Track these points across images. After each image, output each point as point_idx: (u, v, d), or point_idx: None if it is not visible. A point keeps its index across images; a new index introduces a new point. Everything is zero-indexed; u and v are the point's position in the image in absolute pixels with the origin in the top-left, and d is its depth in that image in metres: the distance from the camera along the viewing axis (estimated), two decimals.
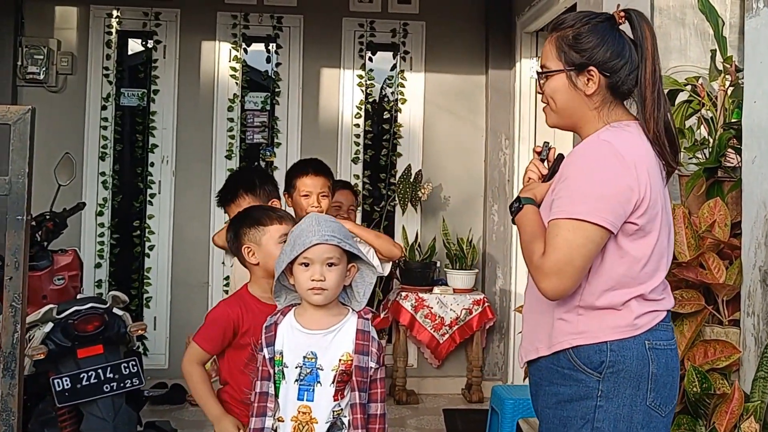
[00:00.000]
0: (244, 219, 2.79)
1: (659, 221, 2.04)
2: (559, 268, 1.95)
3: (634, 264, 2.02)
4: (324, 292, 2.31)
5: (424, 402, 5.82)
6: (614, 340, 2.01)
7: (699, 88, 3.47)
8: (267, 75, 6.19)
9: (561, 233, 1.96)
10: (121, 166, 6.07)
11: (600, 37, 2.09)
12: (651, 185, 2.00)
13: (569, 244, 1.95)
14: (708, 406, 2.70)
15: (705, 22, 3.66)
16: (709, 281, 2.89)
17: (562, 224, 1.97)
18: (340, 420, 2.31)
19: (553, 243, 1.97)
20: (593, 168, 2.00)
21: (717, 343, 2.86)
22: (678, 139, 2.17)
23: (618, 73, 2.08)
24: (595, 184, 1.97)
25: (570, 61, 2.11)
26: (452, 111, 6.28)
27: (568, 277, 1.96)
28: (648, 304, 2.05)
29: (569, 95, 2.13)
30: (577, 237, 1.95)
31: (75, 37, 6.01)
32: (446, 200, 6.23)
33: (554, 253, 1.96)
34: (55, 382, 3.74)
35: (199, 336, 2.66)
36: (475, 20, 6.26)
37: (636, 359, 2.01)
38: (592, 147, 2.04)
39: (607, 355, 2.01)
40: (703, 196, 3.23)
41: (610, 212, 1.95)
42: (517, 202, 2.18)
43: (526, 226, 2.11)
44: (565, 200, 1.99)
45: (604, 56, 2.08)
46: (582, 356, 2.02)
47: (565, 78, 2.12)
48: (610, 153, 1.99)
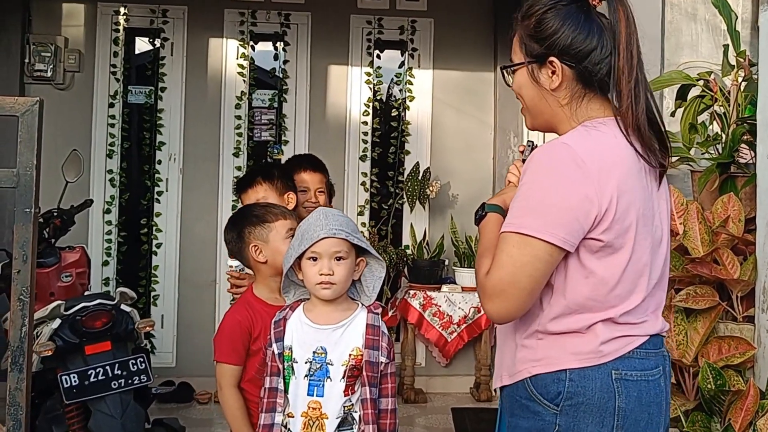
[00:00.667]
0: (245, 218, 2.74)
1: (633, 236, 1.75)
2: (501, 288, 1.72)
3: (600, 285, 1.74)
4: (333, 286, 2.29)
5: (433, 401, 5.79)
6: (574, 369, 1.75)
7: (711, 83, 3.44)
8: (274, 72, 6.17)
9: (506, 249, 1.73)
10: (128, 163, 6.06)
11: (561, 23, 1.82)
12: (619, 195, 1.72)
13: (514, 262, 1.71)
14: (723, 403, 2.67)
15: (716, 17, 3.64)
16: (723, 277, 2.86)
17: (508, 239, 1.73)
18: (351, 415, 2.29)
19: (498, 260, 1.73)
20: (546, 176, 1.73)
21: (731, 339, 2.83)
22: (667, 134, 1.87)
23: (584, 61, 1.80)
24: (547, 195, 1.71)
25: (530, 52, 1.86)
26: (460, 108, 6.25)
27: (512, 299, 1.72)
28: (619, 329, 1.77)
29: (534, 91, 1.88)
30: (523, 254, 1.71)
31: (82, 34, 6.00)
32: (454, 198, 6.20)
33: (497, 271, 1.73)
34: (62, 378, 3.73)
35: (221, 353, 2.58)
36: (484, 17, 6.23)
37: (599, 391, 1.74)
38: (548, 151, 1.76)
39: (565, 385, 1.75)
40: (716, 191, 3.21)
41: (563, 227, 1.69)
42: (481, 209, 1.97)
43: (482, 238, 1.90)
44: (515, 211, 1.75)
45: (564, 43, 1.80)
46: (539, 386, 1.78)
47: (526, 72, 1.88)
48: (567, 158, 1.71)
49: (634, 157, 1.77)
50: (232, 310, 2.75)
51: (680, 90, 3.51)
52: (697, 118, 3.43)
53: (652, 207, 1.82)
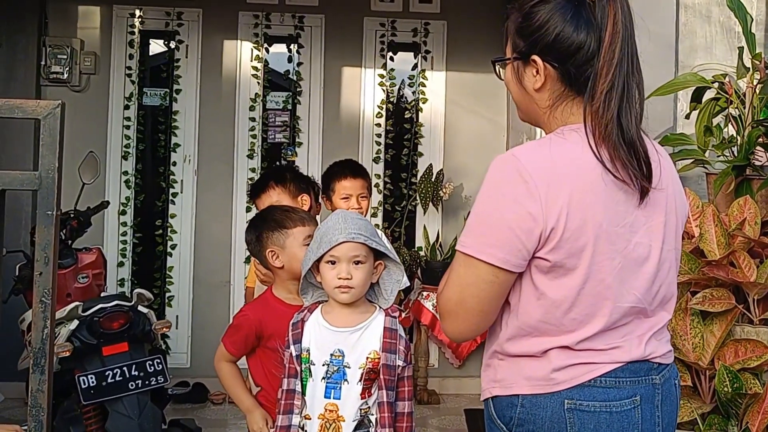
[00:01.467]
0: (264, 222, 2.76)
1: (589, 256, 1.58)
2: (450, 308, 1.66)
3: (552, 308, 1.61)
4: (351, 290, 2.30)
5: (446, 402, 5.80)
6: (526, 395, 1.64)
7: (726, 85, 3.43)
8: (288, 74, 6.19)
9: (455, 267, 1.66)
10: (143, 165, 6.09)
11: (544, 18, 1.66)
12: (570, 212, 1.56)
13: (460, 282, 1.64)
14: (740, 406, 2.67)
15: (731, 19, 3.63)
16: (739, 280, 2.86)
17: (457, 257, 1.66)
18: (368, 418, 2.30)
19: (448, 279, 1.68)
20: (490, 191, 1.62)
21: (748, 342, 2.82)
22: (643, 151, 1.63)
23: (568, 62, 1.64)
24: (490, 212, 1.60)
25: (515, 48, 1.73)
26: (473, 110, 6.25)
27: (461, 319, 1.65)
28: (577, 355, 1.63)
29: (518, 89, 1.75)
30: (467, 274, 1.62)
31: (98, 36, 6.03)
32: (467, 199, 6.20)
33: (446, 290, 1.67)
34: (80, 379, 3.76)
35: (226, 337, 2.70)
36: (496, 18, 6.18)
37: (549, 420, 1.62)
38: (497, 163, 1.64)
39: (516, 411, 1.65)
40: (731, 194, 3.20)
41: (502, 246, 1.57)
42: None
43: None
44: (464, 228, 1.67)
45: (547, 40, 1.65)
46: (497, 408, 1.70)
47: (511, 69, 1.75)
48: (513, 172, 1.58)
49: (599, 169, 1.59)
50: (248, 305, 2.81)
51: (695, 92, 3.50)
52: (712, 121, 3.42)
53: (630, 223, 1.63)
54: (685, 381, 2.85)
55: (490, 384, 1.72)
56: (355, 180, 3.59)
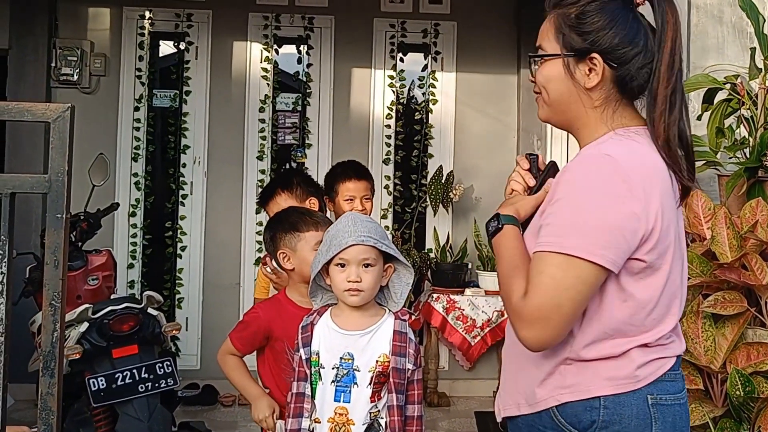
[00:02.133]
0: (280, 222, 2.77)
1: (671, 255, 1.65)
2: (542, 314, 1.57)
3: (639, 309, 1.63)
4: (360, 293, 2.29)
5: (456, 404, 5.78)
6: (609, 395, 1.63)
7: (738, 86, 3.41)
8: (298, 76, 6.19)
9: (547, 270, 1.58)
10: (153, 167, 6.09)
11: (609, 19, 1.69)
12: (663, 212, 1.61)
13: (556, 285, 1.56)
14: (752, 410, 2.65)
15: (743, 19, 3.61)
16: (751, 283, 2.84)
17: (548, 259, 1.58)
18: (377, 422, 2.29)
19: (537, 282, 1.58)
20: (591, 190, 1.59)
21: (760, 345, 2.80)
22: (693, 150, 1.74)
23: (628, 64, 1.68)
24: (593, 212, 1.57)
25: (569, 44, 1.71)
26: (484, 111, 6.24)
27: (553, 325, 1.57)
28: (653, 351, 1.67)
29: (565, 87, 1.72)
30: (566, 276, 1.56)
31: (108, 38, 6.04)
32: (478, 201, 6.19)
33: (537, 295, 1.57)
34: (90, 381, 3.76)
35: (234, 332, 2.71)
36: (507, 19, 6.22)
37: (636, 418, 1.63)
38: (590, 163, 1.63)
39: (599, 414, 1.63)
40: (743, 196, 3.18)
41: (611, 247, 1.56)
42: (495, 221, 1.76)
43: (504, 253, 1.71)
44: (555, 229, 1.60)
45: (611, 42, 1.67)
46: (568, 415, 1.65)
47: (561, 65, 1.72)
48: (613, 171, 1.59)
49: (667, 171, 1.66)
50: (260, 304, 2.82)
51: (706, 94, 3.48)
52: (724, 122, 3.40)
53: (681, 226, 1.73)
54: (696, 384, 2.83)
55: (557, 391, 1.66)
56: (359, 182, 3.58)
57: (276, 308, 2.68)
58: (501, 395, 1.82)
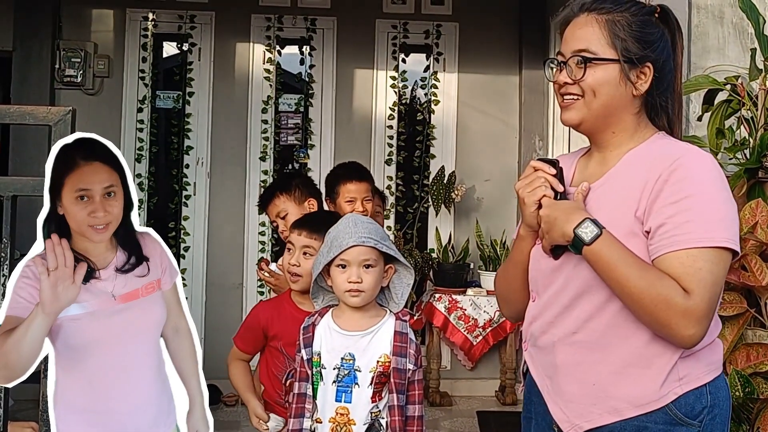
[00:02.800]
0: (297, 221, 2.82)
1: None
2: (711, 309, 1.62)
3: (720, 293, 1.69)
4: (361, 294, 2.31)
5: (458, 404, 5.79)
6: (710, 381, 1.71)
7: (739, 87, 3.42)
8: (301, 77, 6.21)
9: (704, 266, 1.61)
10: (156, 167, 6.11)
11: (660, 33, 1.79)
12: None
13: (716, 279, 1.61)
14: (751, 411, 2.66)
15: (744, 20, 3.61)
16: (751, 284, 2.85)
17: (704, 255, 1.61)
18: (378, 422, 2.31)
19: (700, 279, 1.60)
20: (716, 184, 1.68)
21: (759, 346, 2.81)
22: None
23: (666, 77, 1.80)
24: (726, 204, 1.67)
25: (628, 50, 1.75)
26: (486, 112, 6.25)
27: (711, 316, 1.65)
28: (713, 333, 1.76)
29: (617, 92, 1.76)
30: (720, 269, 1.62)
31: (111, 40, 6.07)
32: (480, 201, 6.20)
33: (705, 291, 1.60)
34: None
35: (237, 335, 2.75)
36: (509, 20, 6.23)
37: (726, 400, 1.74)
38: (704, 160, 1.71)
39: (708, 400, 1.70)
40: (743, 197, 3.19)
41: (738, 236, 1.67)
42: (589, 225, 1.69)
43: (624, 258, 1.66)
44: (700, 224, 1.63)
45: (662, 55, 1.78)
46: (683, 405, 1.68)
47: (617, 70, 1.75)
48: (718, 167, 1.71)
49: None
50: (261, 303, 2.85)
51: (707, 94, 3.49)
52: (724, 123, 3.41)
53: None
54: None
55: (673, 385, 1.69)
56: (360, 183, 3.59)
57: (276, 307, 2.71)
58: (574, 408, 1.77)
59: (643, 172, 1.72)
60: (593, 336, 1.72)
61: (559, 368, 1.79)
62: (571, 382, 1.77)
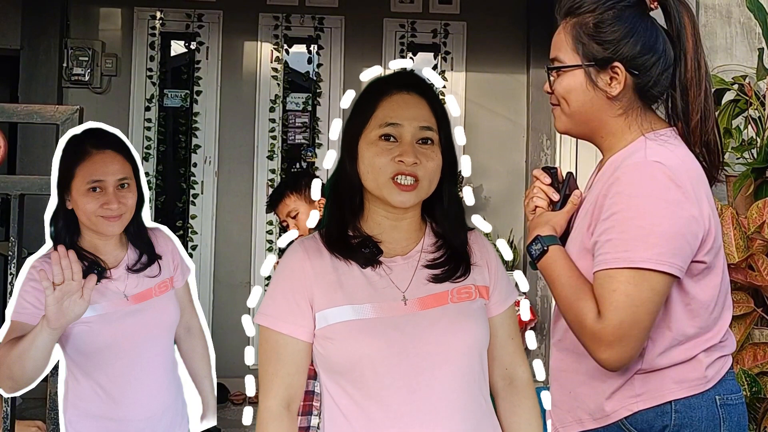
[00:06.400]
0: None
1: (722, 253, 1.67)
2: (623, 332, 1.53)
3: (702, 310, 1.62)
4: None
5: None
6: (680, 399, 1.62)
7: (746, 87, 3.42)
8: (308, 76, 6.22)
9: (620, 288, 1.54)
10: (164, 166, 6.12)
11: (628, 27, 1.66)
12: (712, 210, 1.61)
13: (633, 301, 1.53)
14: (758, 410, 2.66)
15: (752, 20, 3.61)
16: (758, 283, 2.84)
17: (618, 275, 1.54)
18: None
19: (612, 301, 1.54)
20: (649, 199, 1.56)
21: (766, 346, 2.81)
22: (721, 150, 1.74)
23: (649, 71, 1.67)
24: (655, 221, 1.54)
25: (590, 54, 1.68)
26: (493, 110, 6.25)
27: (634, 341, 1.55)
28: (716, 350, 1.66)
29: (587, 97, 1.70)
30: (641, 291, 1.53)
31: (119, 38, 6.08)
32: (487, 200, 6.19)
33: (616, 314, 1.53)
34: None
35: None
36: (517, 19, 6.22)
37: (706, 420, 1.62)
38: (642, 171, 1.59)
39: (671, 418, 1.61)
40: (751, 196, 3.19)
41: (677, 254, 1.54)
42: (537, 243, 1.72)
43: (559, 276, 1.66)
44: (619, 243, 1.56)
45: (632, 50, 1.66)
46: (639, 423, 1.63)
47: (582, 75, 1.69)
48: (666, 177, 1.56)
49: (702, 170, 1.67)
50: None
51: (715, 94, 3.49)
52: (732, 123, 3.40)
53: None
54: None
55: (628, 401, 1.64)
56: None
57: None
58: (557, 413, 1.78)
59: (600, 184, 1.68)
60: (571, 345, 1.70)
61: (552, 372, 1.82)
62: (556, 387, 1.80)
